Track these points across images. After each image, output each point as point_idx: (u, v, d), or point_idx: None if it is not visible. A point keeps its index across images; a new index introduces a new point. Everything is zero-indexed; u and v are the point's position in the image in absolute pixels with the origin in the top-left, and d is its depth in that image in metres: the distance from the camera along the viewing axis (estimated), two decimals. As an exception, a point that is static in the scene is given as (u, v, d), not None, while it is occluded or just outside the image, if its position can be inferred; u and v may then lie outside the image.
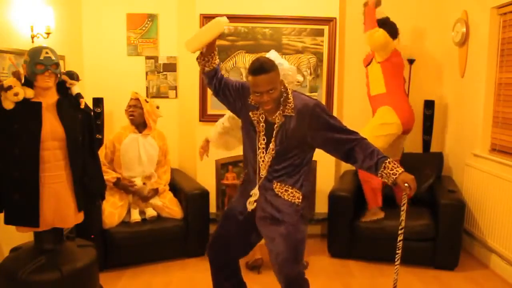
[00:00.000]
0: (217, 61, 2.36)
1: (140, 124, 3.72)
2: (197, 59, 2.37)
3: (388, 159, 2.14)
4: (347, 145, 2.19)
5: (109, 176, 3.51)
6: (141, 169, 3.68)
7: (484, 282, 3.37)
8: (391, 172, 2.11)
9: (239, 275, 2.59)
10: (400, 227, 2.20)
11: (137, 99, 3.70)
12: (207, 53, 2.33)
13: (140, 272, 3.46)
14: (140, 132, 3.72)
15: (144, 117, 3.69)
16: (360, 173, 3.72)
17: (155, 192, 3.69)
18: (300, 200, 2.30)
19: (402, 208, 2.19)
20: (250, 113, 2.31)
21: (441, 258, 3.52)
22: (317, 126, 2.20)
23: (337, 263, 3.67)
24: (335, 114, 4.26)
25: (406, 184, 2.09)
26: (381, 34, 3.66)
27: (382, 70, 3.73)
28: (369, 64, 3.89)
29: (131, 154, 3.65)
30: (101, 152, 3.59)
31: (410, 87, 4.21)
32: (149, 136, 3.74)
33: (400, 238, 2.21)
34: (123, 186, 3.59)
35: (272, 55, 3.03)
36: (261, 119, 2.28)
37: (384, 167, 2.12)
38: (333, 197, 3.73)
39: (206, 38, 2.27)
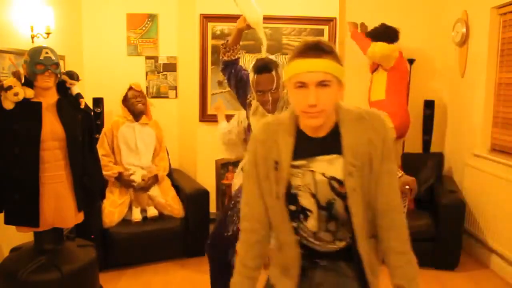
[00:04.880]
0: (239, 55, 2.47)
1: (138, 112, 3.75)
2: (221, 45, 2.50)
3: None
4: None
5: (110, 171, 3.53)
6: (138, 157, 3.69)
7: (484, 282, 3.37)
8: None
9: None
10: None
11: (141, 91, 3.77)
12: (232, 44, 2.46)
13: (140, 272, 3.46)
14: (137, 121, 3.74)
15: (146, 105, 3.78)
16: None
17: (155, 179, 3.71)
18: None
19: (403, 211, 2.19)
20: (250, 117, 2.34)
21: (441, 258, 3.52)
22: None
23: (337, 263, 3.67)
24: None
25: (407, 187, 2.08)
26: (380, 47, 3.71)
27: (387, 77, 3.74)
28: (375, 70, 3.90)
29: (128, 142, 3.68)
30: (102, 141, 3.60)
31: (410, 87, 4.21)
32: (147, 125, 3.79)
33: None
34: (125, 182, 3.60)
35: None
36: (259, 122, 2.29)
37: None
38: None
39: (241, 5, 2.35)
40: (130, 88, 3.73)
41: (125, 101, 3.73)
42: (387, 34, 3.79)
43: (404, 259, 1.42)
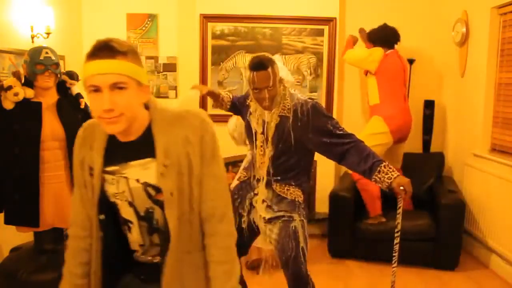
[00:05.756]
0: (229, 99, 2.58)
1: None
2: (212, 105, 2.69)
3: (384, 163, 2.11)
4: (342, 147, 2.18)
5: None
6: None
7: (484, 282, 3.37)
8: (386, 176, 2.07)
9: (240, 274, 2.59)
10: (396, 230, 2.19)
11: None
12: (216, 102, 2.58)
13: (140, 272, 3.45)
14: None
15: None
16: (358, 183, 3.69)
17: None
18: (302, 198, 2.31)
19: (398, 212, 2.18)
20: (249, 117, 2.35)
21: (442, 258, 3.52)
22: (313, 129, 2.20)
23: (338, 263, 3.67)
24: (335, 114, 4.26)
25: (401, 188, 2.07)
26: (351, 56, 3.89)
27: (376, 80, 3.75)
28: (367, 74, 3.91)
29: None
30: None
31: (410, 87, 4.21)
32: None
33: (396, 241, 2.20)
34: None
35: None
36: (258, 120, 2.30)
37: (379, 171, 2.09)
38: (333, 197, 3.73)
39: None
40: None
41: None
42: (384, 38, 3.79)
43: (221, 269, 1.31)
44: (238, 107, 2.55)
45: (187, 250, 1.32)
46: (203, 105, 4.26)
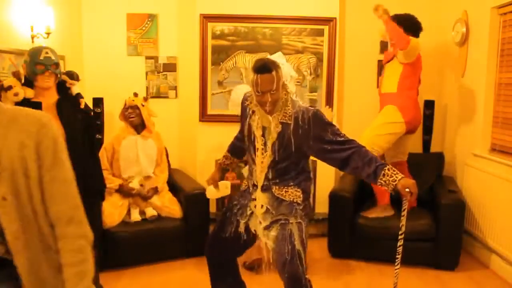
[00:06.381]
0: (228, 155, 2.69)
1: (138, 125, 3.74)
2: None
3: (387, 166, 2.11)
4: (343, 153, 2.18)
5: (112, 184, 3.56)
6: (139, 170, 3.71)
7: (484, 282, 3.37)
8: (391, 179, 2.08)
9: (237, 275, 2.60)
10: (400, 232, 2.19)
11: (135, 105, 3.72)
12: (228, 168, 2.80)
13: (140, 272, 3.46)
14: (139, 133, 3.74)
15: (141, 117, 3.73)
16: None
17: (155, 190, 3.72)
18: (301, 199, 2.30)
19: (402, 214, 2.17)
20: (249, 120, 2.34)
21: (442, 258, 3.52)
22: (314, 136, 2.20)
23: (338, 263, 3.67)
24: (334, 114, 4.26)
25: (407, 190, 2.07)
26: (417, 45, 3.57)
27: (402, 70, 3.65)
28: (389, 61, 3.79)
29: (129, 155, 3.68)
30: (102, 156, 3.60)
31: (410, 87, 4.20)
32: (149, 138, 3.78)
33: (400, 243, 2.19)
34: (126, 192, 3.64)
35: (277, 56, 3.07)
36: (258, 124, 2.30)
37: (384, 175, 2.09)
38: (333, 197, 3.73)
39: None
40: (125, 104, 3.74)
41: (123, 116, 3.76)
42: (415, 26, 3.72)
43: (72, 271, 1.34)
44: (240, 142, 2.55)
45: (41, 251, 1.34)
46: (203, 106, 4.26)
